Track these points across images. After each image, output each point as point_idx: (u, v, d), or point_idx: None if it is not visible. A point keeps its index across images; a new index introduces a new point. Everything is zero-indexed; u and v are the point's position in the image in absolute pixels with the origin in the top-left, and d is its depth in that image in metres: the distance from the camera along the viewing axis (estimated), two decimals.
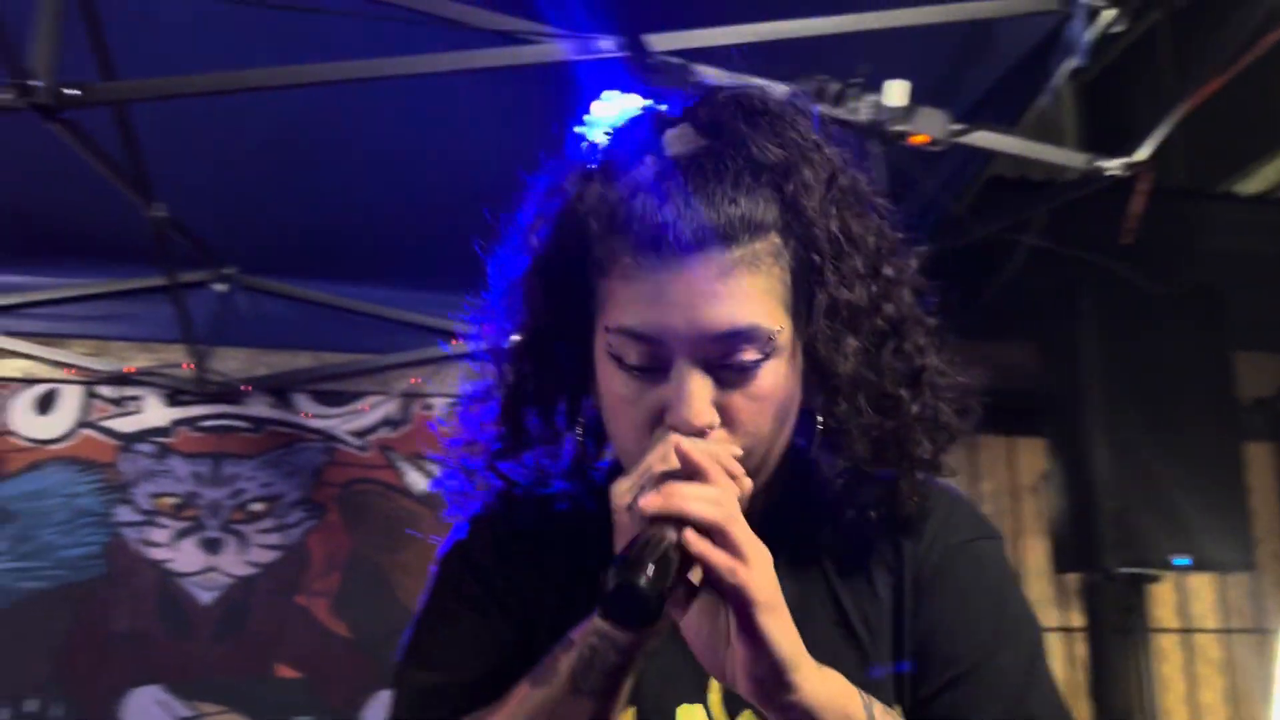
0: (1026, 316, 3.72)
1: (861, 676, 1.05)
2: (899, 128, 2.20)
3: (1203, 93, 2.09)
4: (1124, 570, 3.36)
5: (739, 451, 1.00)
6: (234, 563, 3.73)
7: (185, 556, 3.71)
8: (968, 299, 3.40)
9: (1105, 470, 3.37)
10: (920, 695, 1.08)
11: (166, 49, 2.50)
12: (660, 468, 0.95)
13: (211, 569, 3.72)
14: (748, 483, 0.97)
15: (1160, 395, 3.45)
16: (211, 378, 3.77)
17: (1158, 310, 3.52)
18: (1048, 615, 4.21)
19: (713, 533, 0.90)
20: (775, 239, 1.02)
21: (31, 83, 1.95)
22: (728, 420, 1.01)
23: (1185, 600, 4.47)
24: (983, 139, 2.29)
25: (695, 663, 1.00)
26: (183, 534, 3.73)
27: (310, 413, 3.90)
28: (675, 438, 0.96)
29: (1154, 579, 3.71)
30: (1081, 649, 4.17)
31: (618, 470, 1.10)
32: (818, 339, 1.04)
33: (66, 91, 1.98)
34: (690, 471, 0.93)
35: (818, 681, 0.93)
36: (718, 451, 0.96)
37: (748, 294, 1.00)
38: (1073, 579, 4.19)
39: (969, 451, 4.38)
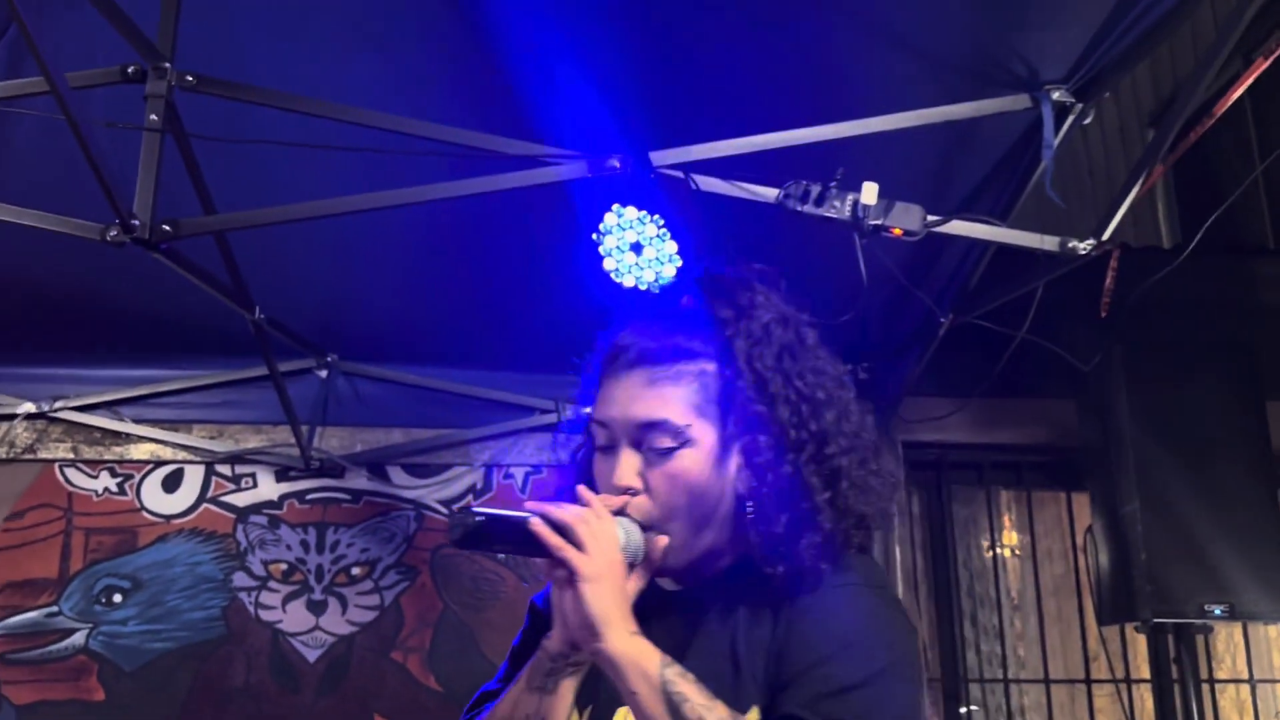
0: (1068, 374, 3.86)
1: (733, 695, 1.33)
2: (876, 222, 2.43)
3: (1150, 181, 2.29)
4: (1159, 621, 3.44)
5: (618, 503, 1.39)
6: (336, 622, 4.10)
7: (294, 617, 4.09)
8: (991, 363, 3.57)
9: (1139, 523, 3.47)
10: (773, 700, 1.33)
11: (257, 177, 2.92)
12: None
13: (316, 628, 4.10)
14: (665, 541, 1.40)
15: (1193, 448, 3.53)
16: (316, 455, 4.16)
17: (1189, 364, 3.62)
18: (1114, 667, 4.30)
19: (561, 528, 1.30)
20: (707, 365, 1.43)
21: (134, 221, 2.36)
22: (649, 490, 1.42)
23: (1267, 650, 4.50)
24: (957, 228, 2.51)
25: None
26: (291, 596, 4.11)
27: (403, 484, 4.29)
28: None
29: (1206, 629, 3.77)
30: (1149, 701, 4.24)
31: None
32: (743, 443, 1.42)
33: (163, 227, 2.40)
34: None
35: (623, 641, 1.30)
36: (610, 500, 1.39)
37: (665, 398, 1.42)
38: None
39: (1026, 507, 4.50)
